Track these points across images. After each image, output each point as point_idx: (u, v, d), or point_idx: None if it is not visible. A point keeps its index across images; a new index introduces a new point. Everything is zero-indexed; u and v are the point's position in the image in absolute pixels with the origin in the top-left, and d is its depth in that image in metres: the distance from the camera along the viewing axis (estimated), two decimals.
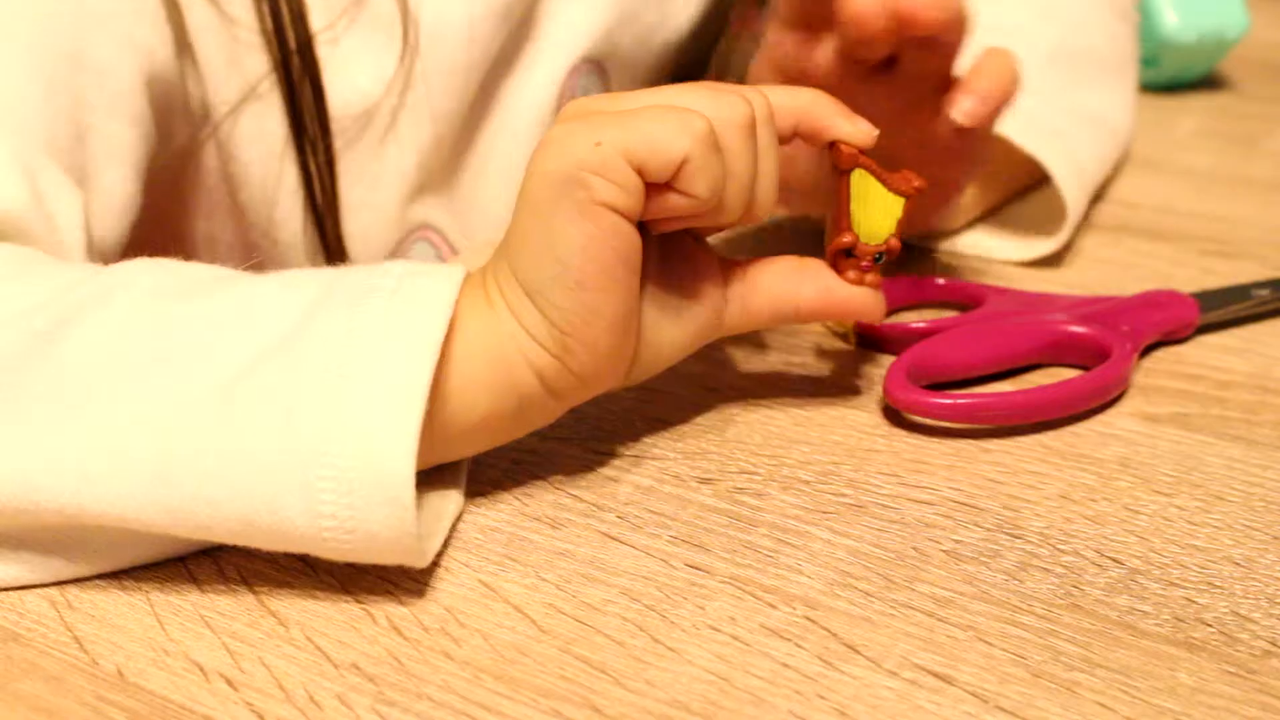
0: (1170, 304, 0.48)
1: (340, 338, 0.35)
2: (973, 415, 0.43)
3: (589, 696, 0.32)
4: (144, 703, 0.32)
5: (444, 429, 0.37)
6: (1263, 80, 0.77)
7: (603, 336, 0.37)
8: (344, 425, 0.34)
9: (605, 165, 0.36)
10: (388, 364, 0.34)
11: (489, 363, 0.37)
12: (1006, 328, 0.47)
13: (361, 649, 0.34)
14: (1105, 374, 0.44)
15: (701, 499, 0.40)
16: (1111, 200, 0.60)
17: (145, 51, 0.49)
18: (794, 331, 0.49)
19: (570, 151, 0.36)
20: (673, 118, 0.36)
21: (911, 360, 0.44)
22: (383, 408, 0.34)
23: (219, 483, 0.34)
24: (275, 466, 0.34)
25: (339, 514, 0.34)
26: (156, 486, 0.34)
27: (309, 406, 0.34)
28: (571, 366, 0.38)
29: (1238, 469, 0.41)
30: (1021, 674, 0.33)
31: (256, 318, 0.36)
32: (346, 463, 0.33)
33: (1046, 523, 0.39)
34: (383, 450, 0.33)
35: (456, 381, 0.37)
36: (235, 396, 0.34)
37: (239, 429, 0.34)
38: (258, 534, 0.34)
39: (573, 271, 0.36)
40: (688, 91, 0.38)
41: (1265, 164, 0.65)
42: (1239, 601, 0.36)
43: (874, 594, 0.36)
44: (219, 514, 0.34)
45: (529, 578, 0.36)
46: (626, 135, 0.36)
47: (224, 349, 0.35)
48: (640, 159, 0.36)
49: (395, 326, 0.35)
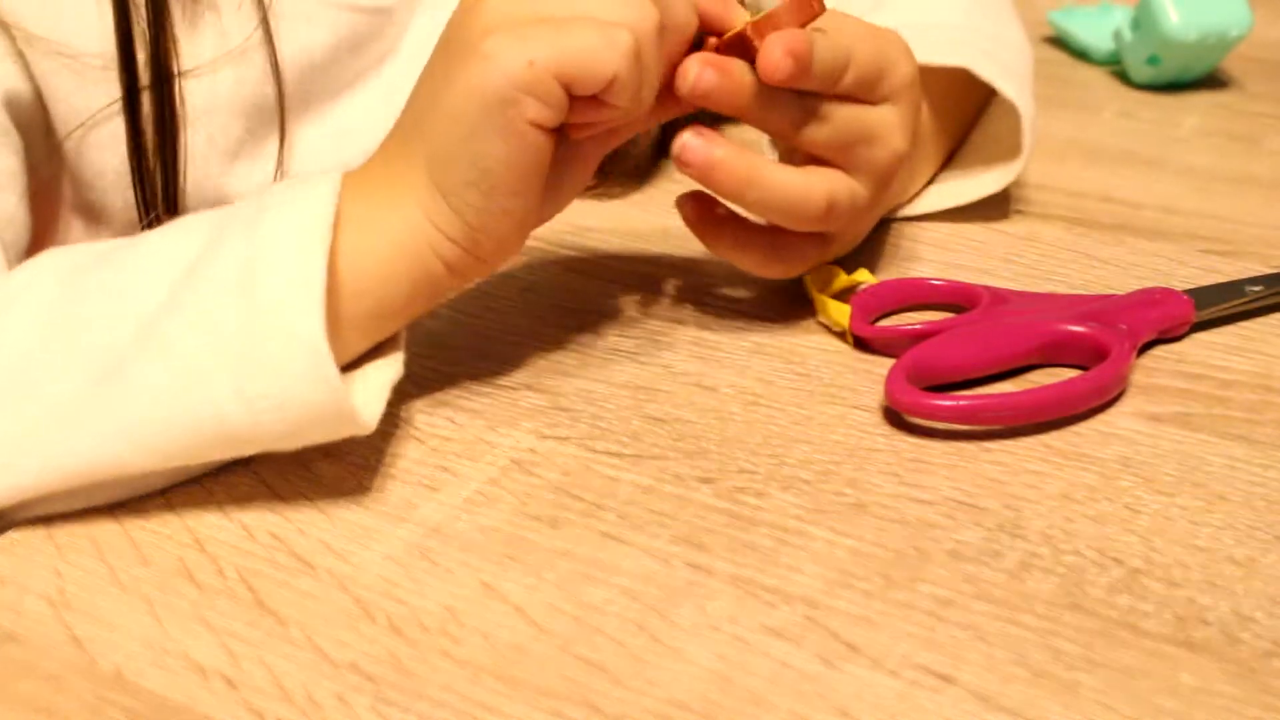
0: (1166, 301, 0.48)
1: (243, 248, 0.38)
2: (974, 416, 0.43)
3: (589, 696, 0.32)
4: (143, 702, 0.32)
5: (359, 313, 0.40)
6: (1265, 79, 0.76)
7: (511, 231, 0.41)
8: (258, 315, 0.37)
9: (537, 85, 0.38)
10: (289, 256, 0.37)
11: (398, 254, 0.40)
12: (1005, 328, 0.47)
13: (361, 648, 0.34)
14: (1104, 373, 0.44)
15: (701, 499, 0.40)
16: (1113, 199, 0.60)
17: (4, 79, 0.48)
18: (794, 331, 0.48)
19: (503, 70, 0.38)
20: (602, 36, 0.38)
21: (911, 362, 0.44)
22: (290, 287, 0.37)
23: (158, 399, 0.37)
24: (204, 367, 0.37)
25: (269, 391, 0.36)
26: (103, 422, 0.37)
27: (225, 305, 0.37)
28: (477, 255, 0.41)
29: (1240, 469, 0.41)
30: (1023, 674, 0.33)
31: (164, 258, 0.39)
32: (266, 342, 0.36)
33: (1048, 522, 0.38)
34: (295, 321, 0.36)
35: (365, 269, 0.40)
36: (159, 324, 0.37)
37: (167, 346, 0.37)
38: (205, 441, 0.37)
39: (491, 178, 0.39)
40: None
41: (1268, 163, 0.65)
42: (1241, 601, 0.35)
43: (874, 594, 0.36)
44: (163, 430, 0.37)
45: (529, 578, 0.36)
46: (559, 55, 0.38)
47: (141, 294, 0.39)
48: (571, 78, 0.38)
49: (289, 226, 0.38)
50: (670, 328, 0.49)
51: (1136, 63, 0.74)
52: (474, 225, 0.40)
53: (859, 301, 0.49)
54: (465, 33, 0.39)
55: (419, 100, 0.41)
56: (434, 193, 0.40)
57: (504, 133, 0.38)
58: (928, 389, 0.43)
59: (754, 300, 0.51)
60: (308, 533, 0.38)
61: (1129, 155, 0.66)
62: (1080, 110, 0.72)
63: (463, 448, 0.42)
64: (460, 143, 0.39)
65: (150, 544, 0.38)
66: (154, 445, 0.37)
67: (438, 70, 0.40)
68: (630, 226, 0.57)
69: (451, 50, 0.40)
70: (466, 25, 0.39)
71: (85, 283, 0.40)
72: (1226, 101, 0.74)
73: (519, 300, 0.50)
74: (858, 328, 0.47)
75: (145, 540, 0.38)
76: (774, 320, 0.49)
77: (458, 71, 0.39)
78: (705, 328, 0.49)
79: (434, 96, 0.40)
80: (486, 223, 0.40)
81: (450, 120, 0.39)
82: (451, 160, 0.39)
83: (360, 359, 0.41)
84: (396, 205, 0.40)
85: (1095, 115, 0.71)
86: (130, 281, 0.40)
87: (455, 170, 0.39)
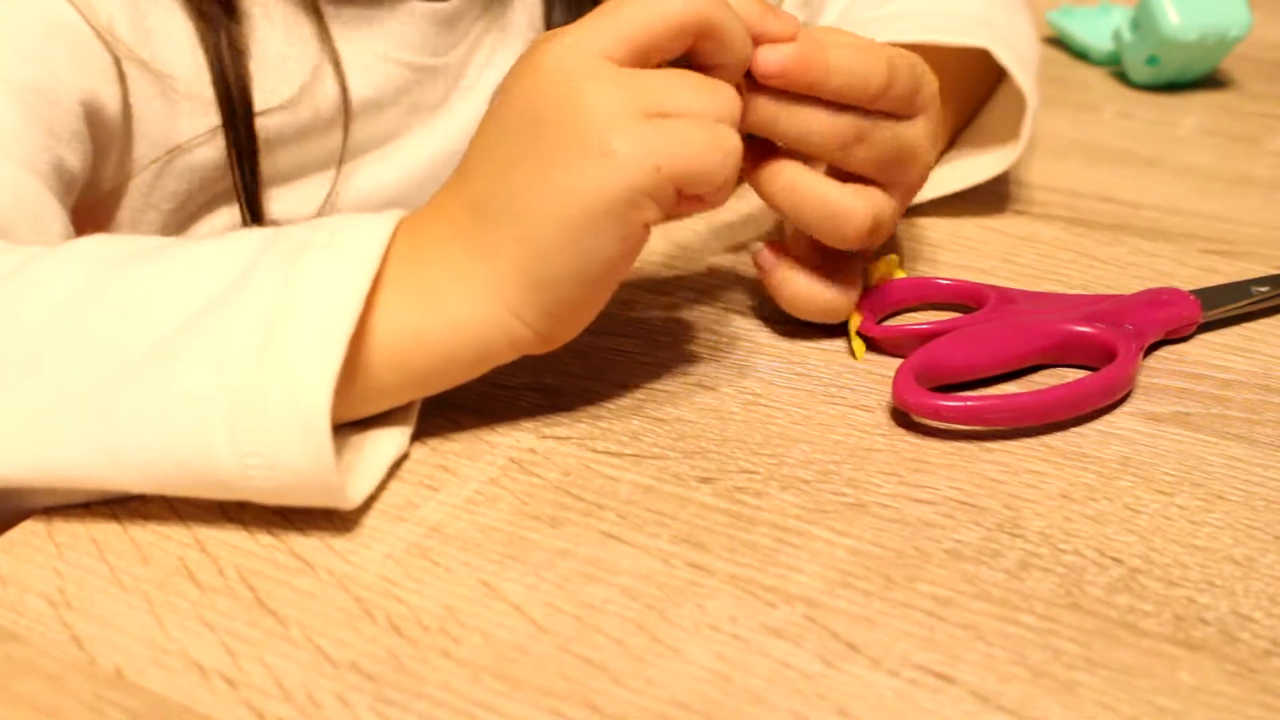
0: (1173, 302, 0.48)
1: (274, 290, 0.37)
2: (982, 417, 0.43)
3: (588, 695, 0.32)
4: (143, 702, 0.32)
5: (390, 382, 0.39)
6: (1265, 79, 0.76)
7: (589, 317, 0.40)
8: (269, 367, 0.36)
9: (659, 189, 0.38)
10: (315, 312, 0.36)
11: (456, 335, 0.39)
12: (1013, 328, 0.46)
13: (361, 648, 0.34)
14: (1113, 373, 0.44)
15: (701, 498, 0.40)
16: (1112, 199, 0.60)
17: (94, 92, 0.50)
18: (794, 331, 0.48)
19: (630, 175, 0.37)
20: (713, 141, 0.38)
21: (919, 362, 0.44)
22: (307, 349, 0.36)
23: (153, 426, 0.36)
24: (204, 408, 0.36)
25: (261, 449, 0.35)
26: (97, 429, 0.36)
27: (238, 352, 0.36)
28: (548, 339, 0.40)
29: (1239, 468, 0.41)
30: (1022, 673, 0.33)
31: (198, 276, 0.38)
32: (269, 399, 0.35)
33: (1047, 522, 0.38)
34: (301, 385, 0.35)
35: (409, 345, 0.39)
36: (172, 347, 0.37)
37: (173, 375, 0.36)
38: (190, 478, 0.37)
39: (595, 272, 0.39)
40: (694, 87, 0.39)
41: (1268, 163, 0.65)
42: (1240, 601, 0.35)
43: (874, 593, 0.36)
44: (154, 458, 0.36)
45: (529, 577, 0.36)
46: (682, 163, 0.38)
47: (165, 306, 0.38)
48: (687, 183, 0.38)
49: (325, 276, 0.37)
50: (671, 328, 0.49)
51: (1136, 63, 0.74)
52: (558, 316, 0.39)
53: (866, 302, 0.49)
54: (575, 126, 0.37)
55: (506, 180, 0.39)
56: (522, 281, 0.38)
57: (620, 234, 0.38)
58: (935, 389, 0.43)
59: (754, 300, 0.51)
60: (308, 532, 0.38)
61: (1129, 155, 0.66)
62: (1080, 110, 0.72)
63: (463, 447, 0.42)
64: (570, 239, 0.38)
65: (150, 544, 0.38)
66: (138, 468, 0.37)
67: (534, 155, 0.38)
68: None
69: (555, 140, 0.38)
70: (574, 118, 0.37)
71: (120, 276, 0.39)
72: (1226, 101, 0.74)
73: None
74: (865, 327, 0.47)
75: (145, 540, 0.38)
76: (774, 320, 0.49)
77: (574, 167, 0.37)
78: (706, 328, 0.49)
79: (536, 185, 0.38)
80: (574, 315, 0.40)
81: (559, 214, 0.38)
82: (556, 254, 0.38)
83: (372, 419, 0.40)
84: (465, 286, 0.39)
85: (1095, 115, 0.71)
86: (162, 288, 0.39)
87: (558, 264, 0.38)
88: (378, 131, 0.59)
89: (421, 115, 0.60)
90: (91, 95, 0.49)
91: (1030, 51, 0.60)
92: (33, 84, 0.48)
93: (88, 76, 0.49)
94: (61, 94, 0.48)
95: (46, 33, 0.48)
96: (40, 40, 0.48)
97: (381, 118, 0.58)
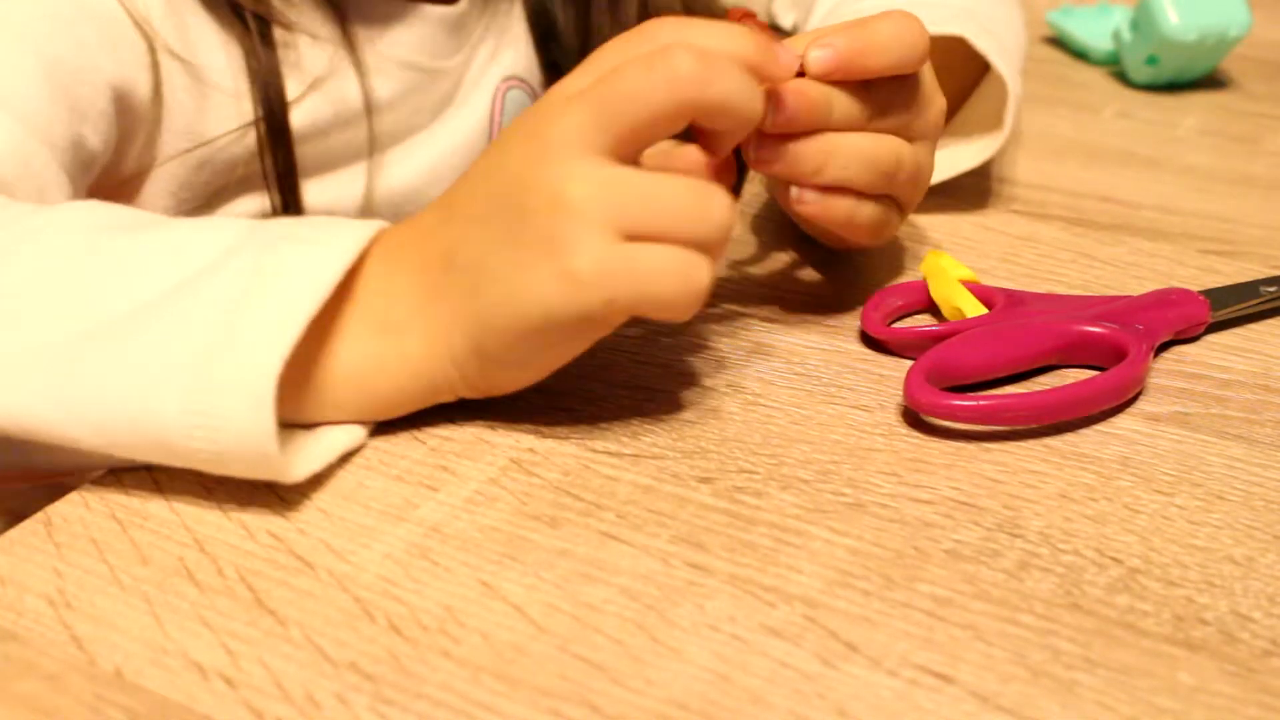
0: (1182, 302, 0.48)
1: (249, 270, 0.38)
2: (994, 416, 0.43)
3: (588, 695, 0.32)
4: (142, 702, 0.32)
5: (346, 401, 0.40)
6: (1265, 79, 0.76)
7: (533, 381, 0.41)
8: (230, 335, 0.37)
9: (613, 317, 0.38)
10: (284, 289, 0.37)
11: (406, 374, 0.40)
12: (1023, 329, 0.46)
13: (360, 648, 0.34)
14: (1123, 373, 0.44)
15: (701, 498, 0.40)
16: (1112, 199, 0.60)
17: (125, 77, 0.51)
18: (794, 331, 0.48)
19: (581, 304, 0.37)
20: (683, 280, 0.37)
21: (930, 363, 0.44)
22: (269, 321, 0.37)
23: (112, 384, 0.37)
24: (163, 370, 0.37)
25: (207, 410, 0.36)
26: (60, 384, 0.37)
27: (206, 323, 0.37)
28: (488, 392, 0.41)
29: (1238, 468, 0.41)
30: (1021, 673, 0.33)
31: (179, 254, 0.39)
32: (224, 362, 0.36)
33: (1046, 522, 0.38)
34: (256, 351, 0.36)
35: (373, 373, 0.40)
36: (143, 317, 0.38)
37: (140, 341, 0.37)
38: (136, 437, 0.37)
39: (536, 362, 0.40)
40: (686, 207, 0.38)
41: (1267, 163, 0.65)
42: (1239, 601, 0.35)
43: (874, 593, 0.36)
44: (108, 414, 0.37)
45: (528, 577, 0.36)
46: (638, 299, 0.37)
47: (143, 278, 0.39)
48: (642, 312, 0.38)
49: (299, 263, 0.38)
50: (671, 328, 0.49)
51: (1135, 63, 0.74)
52: (497, 381, 0.41)
53: (874, 303, 0.49)
54: (549, 223, 0.37)
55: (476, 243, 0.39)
56: (467, 343, 0.39)
57: (559, 346, 0.39)
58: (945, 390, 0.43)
59: (754, 300, 0.51)
60: (308, 532, 0.38)
61: (1128, 155, 0.66)
62: (1079, 110, 0.72)
63: (462, 447, 0.42)
64: (515, 333, 0.39)
65: (150, 544, 0.38)
66: (92, 424, 0.38)
67: (504, 231, 0.38)
68: None
69: (527, 227, 0.38)
70: (550, 216, 0.37)
71: (105, 245, 0.40)
72: (1226, 101, 0.74)
73: None
74: (874, 329, 0.47)
75: (145, 540, 0.38)
76: (774, 320, 0.49)
77: (534, 267, 0.37)
78: (705, 328, 0.49)
79: (498, 266, 0.38)
80: (514, 383, 0.41)
81: (511, 312, 0.38)
82: (501, 335, 0.39)
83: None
84: (421, 326, 0.40)
85: (1094, 115, 0.71)
86: (143, 261, 0.40)
87: (502, 345, 0.39)
88: (391, 130, 0.60)
89: (425, 117, 0.62)
90: (122, 80, 0.51)
91: (1014, 41, 0.61)
92: (63, 60, 0.49)
93: (120, 61, 0.51)
94: (91, 74, 0.50)
95: (83, 14, 0.50)
96: (75, 20, 0.50)
97: (393, 118, 0.60)
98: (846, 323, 0.49)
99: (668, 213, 0.37)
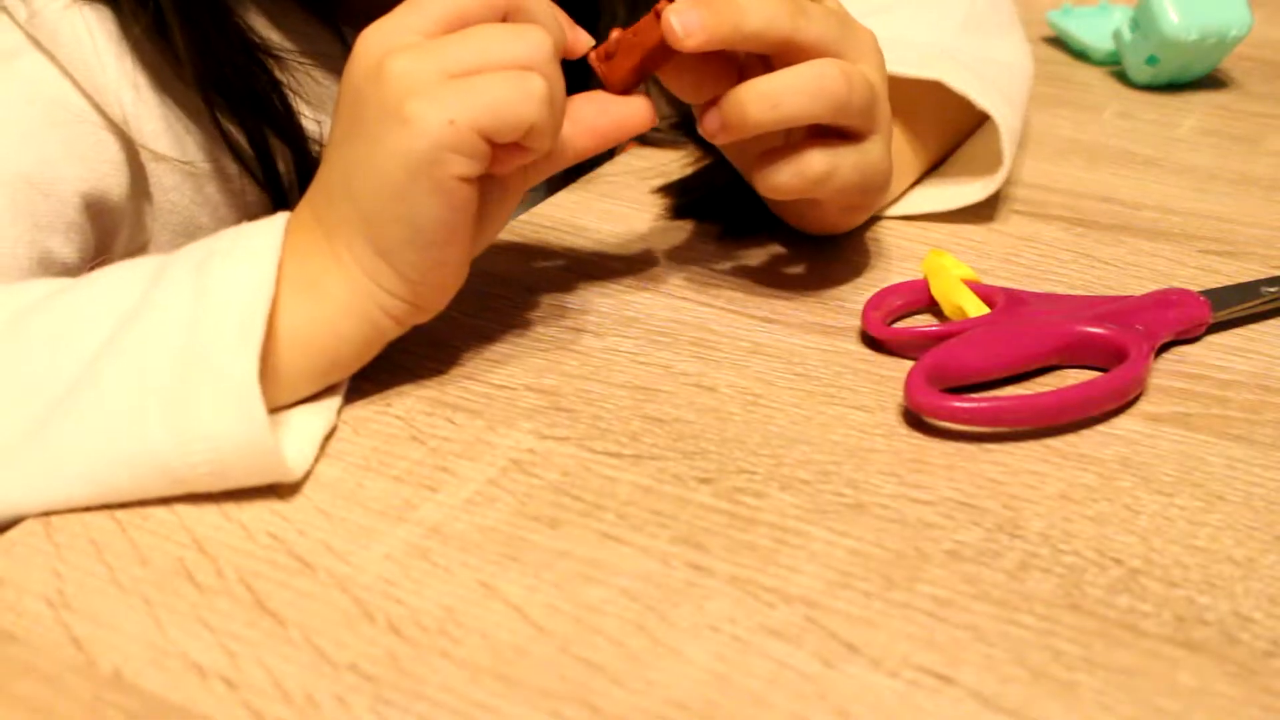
0: (1183, 303, 0.48)
1: (189, 295, 0.39)
2: (996, 418, 0.43)
3: (588, 696, 0.32)
4: (142, 703, 0.32)
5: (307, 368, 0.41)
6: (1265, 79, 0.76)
7: (449, 276, 0.42)
8: (197, 358, 0.38)
9: (460, 142, 0.39)
10: (230, 303, 0.38)
11: (343, 314, 0.41)
12: (1024, 330, 0.46)
13: (360, 649, 0.34)
14: (1124, 374, 0.44)
15: (701, 499, 0.40)
16: (1112, 199, 0.60)
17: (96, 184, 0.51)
18: (794, 331, 0.48)
19: (425, 132, 0.39)
20: (516, 86, 0.39)
21: (931, 364, 0.44)
22: (228, 335, 0.38)
23: (93, 441, 0.38)
24: (139, 410, 0.38)
25: (200, 430, 0.37)
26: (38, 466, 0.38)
27: (163, 354, 0.38)
28: (420, 304, 0.42)
29: (1239, 469, 0.41)
30: (1022, 674, 0.33)
31: (103, 302, 0.41)
32: (202, 383, 0.37)
33: (1047, 523, 0.38)
34: (228, 365, 0.37)
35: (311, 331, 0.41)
36: (96, 368, 0.38)
37: (103, 393, 0.38)
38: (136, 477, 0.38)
39: (426, 235, 0.40)
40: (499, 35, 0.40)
41: (1267, 163, 0.65)
42: (1240, 601, 0.35)
43: (874, 594, 0.36)
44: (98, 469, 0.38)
45: (528, 578, 0.36)
46: (478, 112, 0.39)
47: (82, 337, 0.39)
48: (491, 131, 0.39)
49: (234, 275, 0.39)
50: (670, 328, 0.49)
51: (1136, 63, 0.74)
52: (414, 279, 0.41)
53: (874, 303, 0.49)
54: (380, 97, 0.40)
55: (341, 161, 0.42)
56: (372, 254, 0.41)
57: (433, 192, 0.40)
58: (946, 391, 0.43)
59: (754, 300, 0.51)
60: (307, 533, 0.38)
61: (1128, 155, 0.66)
62: (1080, 110, 0.72)
63: (462, 448, 0.42)
64: (392, 205, 0.40)
65: (150, 544, 0.38)
66: (92, 481, 0.38)
67: (355, 132, 0.41)
68: (629, 226, 0.57)
69: (368, 114, 0.40)
70: (380, 90, 0.40)
71: (29, 327, 0.41)
72: (1226, 101, 0.74)
73: (519, 300, 0.50)
74: (875, 329, 0.47)
75: (145, 541, 0.38)
76: (774, 320, 0.49)
77: (381, 136, 0.39)
78: (705, 328, 0.49)
79: (358, 160, 0.40)
80: (426, 275, 0.42)
81: (379, 184, 0.40)
82: (386, 222, 0.40)
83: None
84: (336, 268, 0.41)
85: (1095, 115, 0.71)
86: (72, 326, 0.40)
87: (390, 231, 0.41)
88: None
89: None
90: (92, 187, 0.51)
91: (1005, 74, 0.60)
92: (25, 174, 0.49)
93: (91, 168, 0.51)
94: (56, 186, 0.50)
95: (47, 123, 0.50)
96: (39, 130, 0.50)
97: None
98: (846, 323, 0.49)
99: (486, 44, 0.40)
